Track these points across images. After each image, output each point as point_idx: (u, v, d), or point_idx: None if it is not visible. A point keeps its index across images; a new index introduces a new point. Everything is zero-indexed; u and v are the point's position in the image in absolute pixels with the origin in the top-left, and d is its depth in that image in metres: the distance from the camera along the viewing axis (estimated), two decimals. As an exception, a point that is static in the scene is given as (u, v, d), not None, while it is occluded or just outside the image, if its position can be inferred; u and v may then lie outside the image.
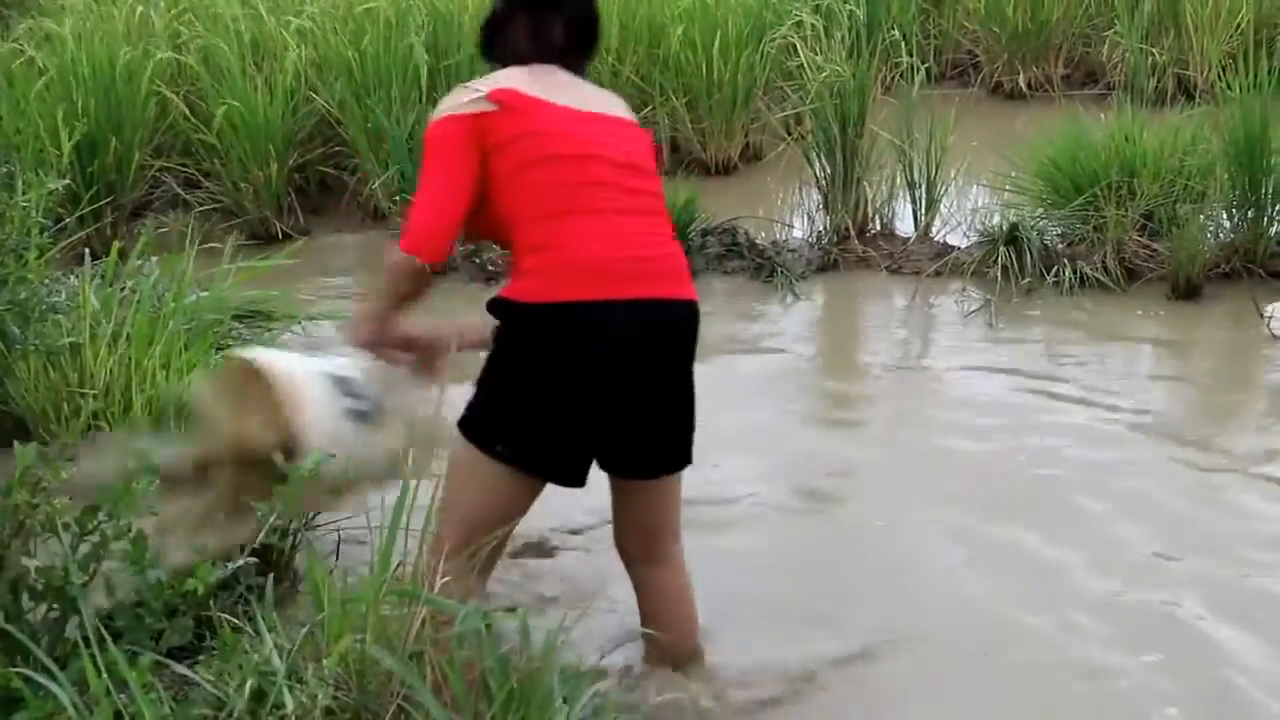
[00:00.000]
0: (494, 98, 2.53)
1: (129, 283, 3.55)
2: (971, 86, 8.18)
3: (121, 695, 1.88)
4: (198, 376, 2.96)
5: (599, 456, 2.62)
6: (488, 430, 2.53)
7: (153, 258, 3.89)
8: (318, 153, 6.40)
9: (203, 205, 6.10)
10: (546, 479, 2.59)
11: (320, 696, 1.93)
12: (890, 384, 4.55)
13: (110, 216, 5.83)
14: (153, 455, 2.17)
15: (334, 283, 5.63)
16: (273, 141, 5.99)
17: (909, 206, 5.69)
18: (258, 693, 1.93)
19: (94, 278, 3.37)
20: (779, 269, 5.42)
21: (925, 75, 5.76)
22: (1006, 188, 5.74)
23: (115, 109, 5.82)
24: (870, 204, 5.66)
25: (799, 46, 5.92)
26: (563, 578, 3.28)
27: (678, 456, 2.69)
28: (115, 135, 5.80)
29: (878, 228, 5.68)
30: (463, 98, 2.57)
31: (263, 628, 2.06)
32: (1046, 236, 5.33)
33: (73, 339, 3.03)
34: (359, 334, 2.65)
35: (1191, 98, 7.18)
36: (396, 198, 5.76)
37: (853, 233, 5.58)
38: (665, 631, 2.77)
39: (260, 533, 2.18)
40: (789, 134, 6.26)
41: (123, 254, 3.79)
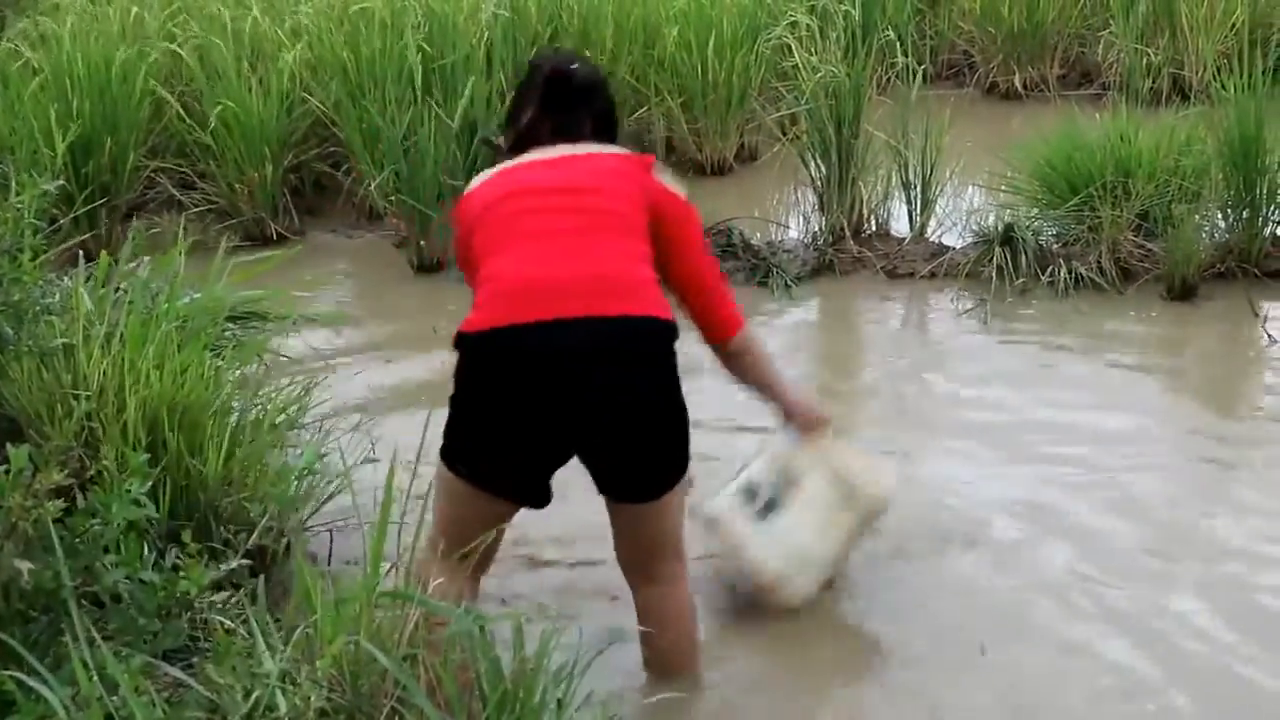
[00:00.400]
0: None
1: (122, 284, 3.55)
2: (967, 87, 8.17)
3: (113, 698, 1.87)
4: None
5: (540, 475, 2.65)
6: (448, 451, 2.62)
7: (145, 258, 3.89)
8: (313, 153, 6.38)
9: (198, 206, 6.09)
10: (504, 498, 2.63)
11: (314, 698, 1.93)
12: (885, 385, 4.55)
13: (105, 217, 5.80)
14: None
15: (329, 284, 5.62)
16: (268, 142, 5.98)
17: (904, 207, 5.68)
18: (250, 694, 1.93)
19: (88, 279, 3.36)
20: (774, 270, 5.42)
21: (921, 76, 5.75)
22: (1002, 188, 5.73)
23: (110, 109, 5.80)
24: (865, 204, 5.65)
25: (794, 47, 5.92)
26: (560, 580, 3.28)
27: (651, 483, 2.63)
28: (110, 136, 5.78)
29: (873, 228, 5.68)
30: None
31: (256, 630, 2.05)
32: (1041, 237, 5.33)
33: (66, 340, 3.02)
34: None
35: (1186, 98, 7.18)
36: (391, 198, 5.75)
37: (848, 233, 5.58)
38: (660, 654, 2.76)
39: (253, 535, 2.18)
40: (784, 134, 6.25)
41: (116, 255, 3.78)
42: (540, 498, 2.68)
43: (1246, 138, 5.11)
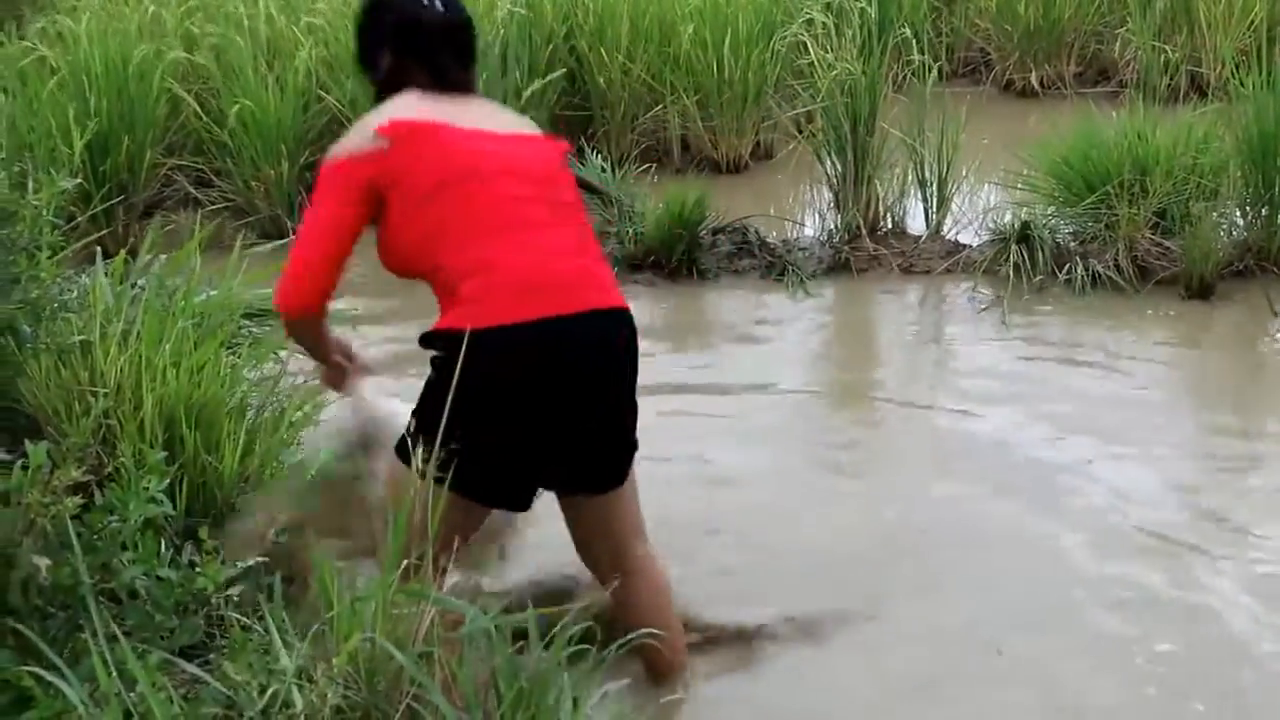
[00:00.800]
0: (385, 133, 2.47)
1: (139, 281, 3.56)
2: (983, 84, 8.16)
3: (131, 694, 1.88)
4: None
5: (540, 478, 2.58)
6: (441, 463, 2.38)
7: (162, 256, 3.90)
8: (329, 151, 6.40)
9: (214, 203, 6.11)
10: (500, 506, 2.59)
11: (330, 695, 1.93)
12: (901, 383, 4.54)
13: (122, 215, 5.84)
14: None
15: (345, 280, 5.61)
16: (284, 140, 6.00)
17: (920, 205, 5.67)
18: (267, 691, 1.94)
19: (105, 276, 3.37)
20: (790, 267, 5.41)
21: (937, 73, 5.74)
22: (1018, 186, 5.72)
23: (127, 108, 5.83)
24: (881, 202, 5.65)
25: (810, 44, 5.91)
26: (573, 578, 3.27)
27: (627, 463, 2.64)
28: (127, 134, 5.81)
29: (889, 226, 5.67)
30: (356, 139, 2.53)
31: (272, 627, 2.06)
32: (1058, 235, 5.31)
33: (83, 337, 3.03)
34: (333, 385, 2.86)
35: (1204, 95, 7.16)
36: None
37: (864, 231, 5.57)
38: (648, 647, 2.73)
39: (270, 531, 2.19)
40: (800, 132, 6.25)
41: (133, 252, 3.80)
42: (529, 501, 2.64)
43: (1265, 135, 5.09)
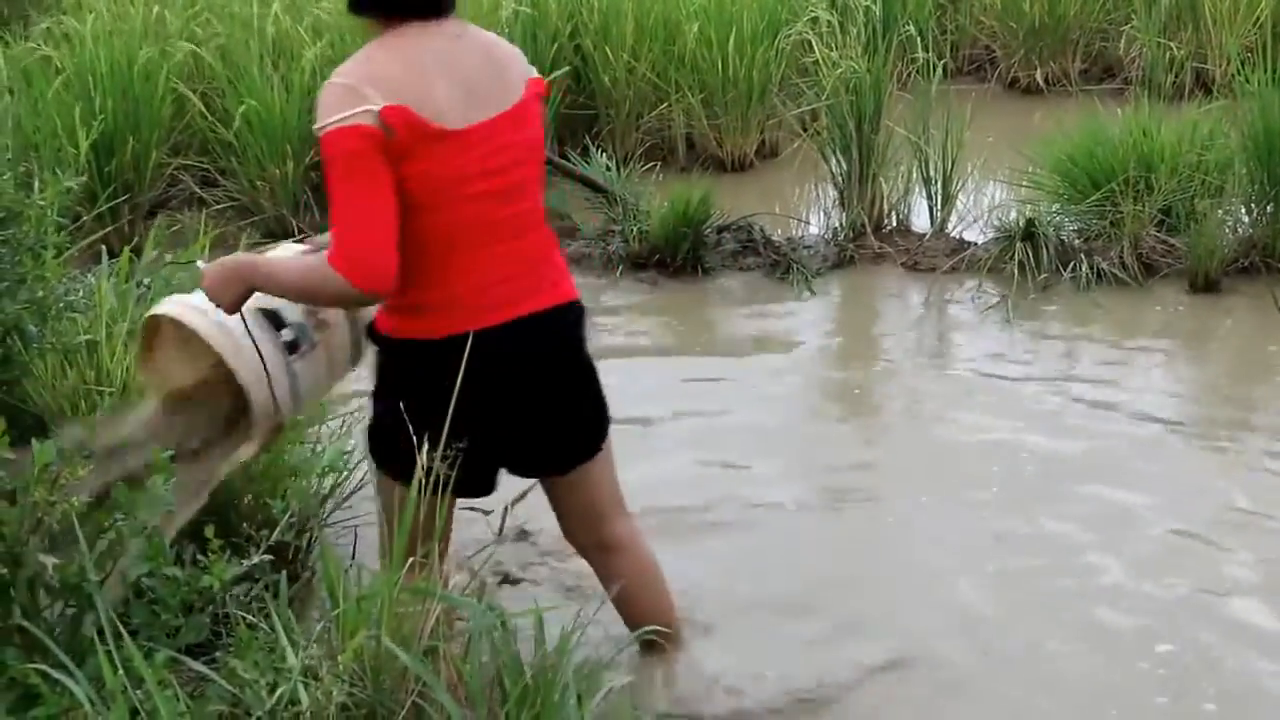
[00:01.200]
0: (387, 120, 2.29)
1: (145, 280, 3.57)
2: (988, 82, 8.14)
3: (137, 692, 1.89)
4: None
5: (510, 464, 2.64)
6: (407, 461, 2.34)
7: (167, 255, 3.90)
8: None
9: (219, 203, 6.11)
10: (467, 495, 2.59)
11: (335, 693, 1.94)
12: (906, 381, 4.54)
13: (128, 215, 5.84)
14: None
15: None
16: (289, 139, 6.00)
17: (925, 202, 5.67)
18: (273, 688, 1.94)
19: (110, 275, 3.38)
20: (795, 265, 5.41)
21: (941, 71, 5.74)
22: (1023, 183, 5.71)
23: (133, 108, 5.83)
24: (886, 200, 5.65)
25: (814, 42, 5.90)
26: (578, 575, 3.28)
27: (598, 433, 2.68)
28: (132, 134, 5.81)
29: (894, 224, 5.67)
30: (353, 106, 2.30)
31: (278, 625, 2.06)
32: (1063, 232, 5.31)
33: (89, 337, 3.04)
34: (226, 297, 2.48)
35: (1210, 92, 7.14)
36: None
37: (868, 229, 5.57)
38: (640, 620, 2.72)
39: (275, 531, 2.19)
40: (805, 130, 6.24)
41: (138, 251, 3.80)
42: (491, 486, 2.69)
43: (1270, 131, 5.08)
